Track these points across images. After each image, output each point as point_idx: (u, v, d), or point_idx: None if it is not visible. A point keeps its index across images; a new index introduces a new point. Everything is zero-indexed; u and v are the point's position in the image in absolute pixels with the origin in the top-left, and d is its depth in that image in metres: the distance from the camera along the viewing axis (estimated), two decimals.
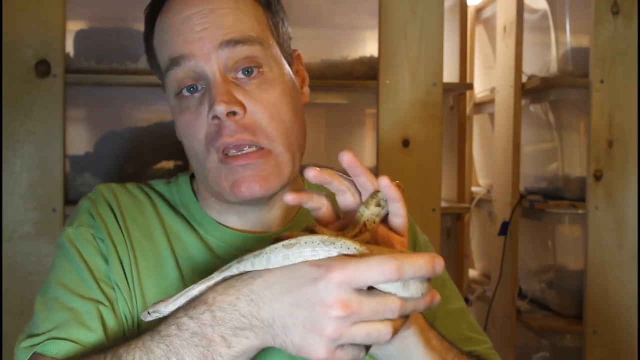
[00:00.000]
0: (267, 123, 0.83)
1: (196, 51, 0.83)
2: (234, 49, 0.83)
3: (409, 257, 0.60)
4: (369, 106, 2.14)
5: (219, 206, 0.91)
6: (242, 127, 0.82)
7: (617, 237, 2.07)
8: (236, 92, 0.82)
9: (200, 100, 0.84)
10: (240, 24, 0.84)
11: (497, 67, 2.37)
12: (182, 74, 0.84)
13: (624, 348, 2.07)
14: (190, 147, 0.86)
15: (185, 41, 0.83)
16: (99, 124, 2.08)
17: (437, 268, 0.61)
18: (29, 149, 1.80)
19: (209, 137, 0.83)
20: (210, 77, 0.83)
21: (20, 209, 1.79)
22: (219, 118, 0.81)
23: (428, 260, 0.60)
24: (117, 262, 0.85)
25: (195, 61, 0.83)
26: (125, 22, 2.02)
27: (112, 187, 0.93)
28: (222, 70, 0.83)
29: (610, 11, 2.04)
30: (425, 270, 0.60)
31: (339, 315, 0.59)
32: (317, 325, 0.60)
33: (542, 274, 2.33)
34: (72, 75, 1.85)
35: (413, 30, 1.93)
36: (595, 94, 2.06)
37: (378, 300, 0.60)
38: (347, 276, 0.59)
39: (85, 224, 0.88)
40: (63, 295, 0.82)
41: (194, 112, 0.84)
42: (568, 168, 2.21)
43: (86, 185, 1.93)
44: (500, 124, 2.33)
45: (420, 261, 0.60)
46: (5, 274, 1.78)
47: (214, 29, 0.83)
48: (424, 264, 0.60)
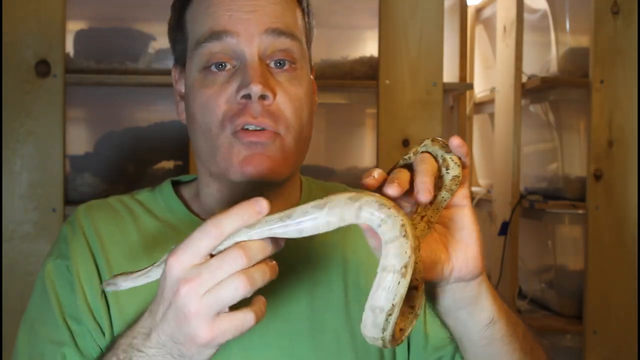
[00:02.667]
0: (290, 113, 0.84)
1: (241, 30, 0.83)
2: (277, 39, 0.84)
3: (226, 212, 0.60)
4: (369, 106, 2.14)
5: (215, 200, 0.90)
6: (267, 111, 0.82)
7: (617, 237, 2.07)
8: (270, 78, 0.83)
9: (228, 78, 0.84)
10: (286, 17, 0.85)
11: (497, 67, 2.37)
12: (218, 49, 0.84)
13: (624, 348, 2.07)
14: (204, 123, 0.85)
15: (232, 18, 0.83)
16: (99, 124, 2.08)
17: (259, 207, 0.60)
18: (29, 149, 1.80)
19: (228, 113, 0.83)
20: (248, 59, 0.83)
21: (20, 209, 1.79)
22: (249, 98, 0.81)
23: (245, 207, 0.60)
24: (81, 295, 0.85)
25: (238, 40, 0.83)
26: (125, 22, 2.02)
27: (91, 207, 0.92)
28: (260, 55, 0.83)
29: (610, 11, 2.04)
30: (247, 215, 0.60)
31: (187, 292, 0.59)
32: (180, 312, 0.60)
33: (542, 274, 2.33)
34: (72, 75, 1.85)
35: (413, 30, 1.93)
36: (595, 94, 2.06)
37: (215, 259, 0.60)
38: (178, 256, 0.60)
39: (61, 255, 0.89)
40: (36, 340, 0.85)
41: (219, 88, 0.84)
42: (568, 168, 2.21)
43: (86, 185, 1.93)
44: (500, 124, 2.33)
45: (235, 211, 0.60)
46: (5, 274, 1.78)
47: (262, 13, 0.84)
48: (241, 211, 0.60)
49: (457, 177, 0.68)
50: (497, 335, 0.74)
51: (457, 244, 0.69)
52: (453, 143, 0.69)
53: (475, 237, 0.69)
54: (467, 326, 0.74)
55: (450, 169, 0.68)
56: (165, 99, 2.03)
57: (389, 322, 0.58)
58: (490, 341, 0.74)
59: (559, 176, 2.23)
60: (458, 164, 0.68)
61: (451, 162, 0.68)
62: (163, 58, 1.94)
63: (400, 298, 0.57)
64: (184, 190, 0.95)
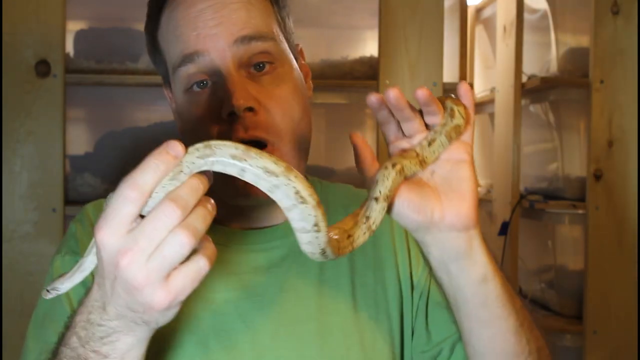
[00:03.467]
0: (279, 119, 0.83)
1: (210, 47, 0.82)
2: (249, 45, 0.82)
3: (138, 167, 0.58)
4: (369, 106, 2.14)
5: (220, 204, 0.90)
6: (255, 123, 0.81)
7: (617, 237, 2.07)
8: (250, 88, 0.82)
9: (210, 96, 0.83)
10: (253, 19, 0.83)
11: (497, 67, 2.37)
12: (194, 70, 0.83)
13: (624, 348, 2.07)
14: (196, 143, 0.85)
15: (199, 37, 0.82)
16: (99, 124, 2.08)
17: (174, 152, 0.58)
18: (29, 149, 1.80)
19: (220, 133, 0.82)
20: (225, 74, 0.82)
21: (20, 209, 1.79)
22: (234, 114, 0.80)
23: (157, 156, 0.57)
24: None
25: (210, 57, 0.82)
26: (125, 22, 2.02)
27: (100, 207, 0.91)
28: (236, 66, 0.82)
29: (610, 11, 2.04)
30: (163, 165, 0.57)
31: (129, 263, 0.56)
32: (128, 284, 0.57)
33: (542, 274, 2.33)
34: (72, 75, 1.85)
35: (413, 30, 1.93)
36: (595, 94, 2.06)
37: (147, 221, 0.56)
38: (104, 230, 0.56)
39: (70, 251, 0.87)
40: (47, 336, 0.83)
41: (205, 108, 0.83)
42: (568, 168, 2.21)
43: (86, 185, 1.93)
44: (500, 124, 2.33)
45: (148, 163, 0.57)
46: (5, 274, 1.78)
47: (228, 24, 0.82)
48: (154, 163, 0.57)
49: (459, 127, 0.70)
50: (491, 295, 0.73)
51: (452, 192, 0.70)
52: (461, 89, 0.70)
53: (471, 189, 0.70)
54: (459, 281, 0.73)
55: (454, 118, 0.70)
56: (165, 99, 2.02)
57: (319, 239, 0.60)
58: (483, 300, 0.73)
59: (559, 176, 2.23)
60: (463, 115, 0.70)
61: (457, 112, 0.70)
62: None
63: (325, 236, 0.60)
64: None
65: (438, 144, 0.70)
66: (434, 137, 0.70)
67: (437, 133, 0.70)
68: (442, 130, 0.70)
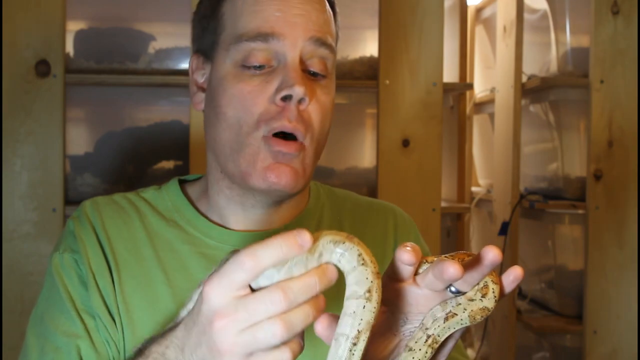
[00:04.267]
0: (317, 122, 0.85)
1: (287, 33, 0.83)
2: (318, 48, 0.84)
3: (263, 242, 0.56)
4: (369, 106, 2.14)
5: (224, 198, 0.90)
6: (301, 117, 0.82)
7: (617, 237, 2.07)
8: (308, 82, 0.84)
9: (267, 77, 0.83)
10: (328, 27, 0.86)
11: (497, 67, 2.37)
12: (262, 49, 0.83)
13: (624, 348, 2.07)
14: (234, 118, 0.84)
15: (280, 19, 0.83)
16: (99, 124, 2.08)
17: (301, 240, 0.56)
18: (29, 149, 1.80)
19: (265, 114, 0.82)
20: (290, 62, 0.83)
21: (20, 209, 1.79)
22: (289, 99, 0.81)
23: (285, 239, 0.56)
24: (95, 289, 0.85)
25: (283, 43, 0.83)
26: (125, 22, 2.02)
27: (97, 202, 0.92)
28: (301, 59, 0.84)
29: (610, 11, 2.04)
30: (287, 249, 0.56)
31: (222, 327, 0.57)
32: (213, 344, 0.58)
33: (542, 274, 2.33)
34: (72, 75, 1.85)
35: (413, 30, 1.93)
36: (595, 94, 2.06)
37: (253, 299, 0.57)
38: (213, 286, 0.57)
39: (69, 248, 0.87)
40: (48, 333, 0.84)
41: (257, 86, 0.83)
42: (568, 168, 2.21)
43: (86, 185, 1.93)
44: (500, 124, 2.33)
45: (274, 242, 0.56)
46: (5, 274, 1.78)
47: (309, 19, 0.84)
48: (280, 244, 0.56)
49: (487, 310, 0.60)
50: None
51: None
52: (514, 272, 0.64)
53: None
54: None
55: (486, 298, 0.60)
56: (165, 99, 2.03)
57: (353, 352, 0.55)
58: None
59: (559, 176, 2.23)
60: (496, 297, 0.60)
61: (492, 291, 0.60)
62: (163, 58, 1.94)
63: (366, 324, 0.54)
64: (190, 189, 0.95)
65: (456, 321, 0.60)
66: (454, 313, 0.60)
67: (460, 308, 0.60)
68: (467, 308, 0.60)
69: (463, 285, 0.62)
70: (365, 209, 0.99)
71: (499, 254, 0.62)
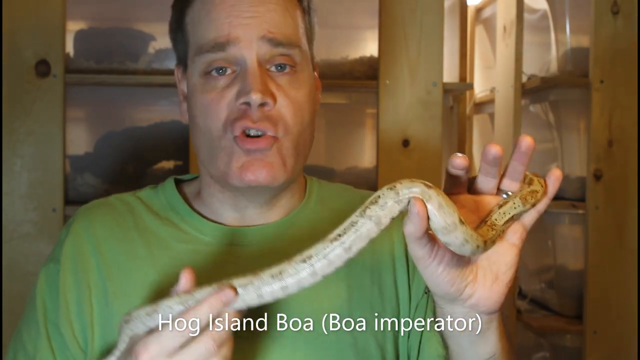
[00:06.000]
0: (289, 118, 0.85)
1: (240, 35, 0.84)
2: (275, 48, 0.85)
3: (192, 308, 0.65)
4: (369, 106, 2.14)
5: (217, 200, 0.91)
6: (266, 117, 0.83)
7: (617, 237, 2.07)
8: (270, 83, 0.84)
9: (228, 83, 0.85)
10: (285, 26, 0.86)
11: (497, 67, 2.37)
12: (220, 57, 0.85)
13: (624, 348, 2.07)
14: (205, 126, 0.85)
15: (231, 25, 0.84)
16: (99, 124, 2.08)
17: (225, 298, 0.65)
18: (29, 149, 1.80)
19: (230, 117, 0.84)
20: (248, 64, 0.84)
21: (20, 209, 1.79)
22: (248, 104, 0.82)
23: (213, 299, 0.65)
24: (63, 306, 0.86)
25: (239, 47, 0.84)
26: (125, 22, 2.02)
27: (90, 209, 0.92)
28: (259, 60, 0.84)
29: (610, 11, 2.04)
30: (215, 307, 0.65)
31: None
32: None
33: (542, 274, 2.33)
34: (72, 75, 1.85)
35: (413, 30, 1.93)
36: (595, 94, 2.06)
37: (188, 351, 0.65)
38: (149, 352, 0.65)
39: (55, 259, 0.89)
40: (19, 344, 0.86)
41: (219, 92, 0.84)
42: (568, 168, 2.21)
43: (86, 185, 1.93)
44: (500, 124, 2.33)
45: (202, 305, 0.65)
46: (5, 274, 1.78)
47: (262, 20, 0.84)
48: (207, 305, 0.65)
49: (535, 192, 0.69)
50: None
51: (490, 273, 0.70)
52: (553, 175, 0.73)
53: (510, 277, 0.70)
54: (466, 354, 0.75)
55: (532, 185, 0.69)
56: (165, 99, 2.03)
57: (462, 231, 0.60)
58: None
59: None
60: (542, 185, 0.69)
61: (537, 180, 0.69)
62: (163, 58, 1.94)
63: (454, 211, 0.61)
64: (186, 188, 0.96)
65: (510, 207, 0.69)
66: (506, 200, 0.68)
67: (511, 196, 0.69)
68: (517, 194, 0.69)
69: (512, 185, 0.72)
70: (361, 201, 0.99)
71: (532, 140, 0.72)
